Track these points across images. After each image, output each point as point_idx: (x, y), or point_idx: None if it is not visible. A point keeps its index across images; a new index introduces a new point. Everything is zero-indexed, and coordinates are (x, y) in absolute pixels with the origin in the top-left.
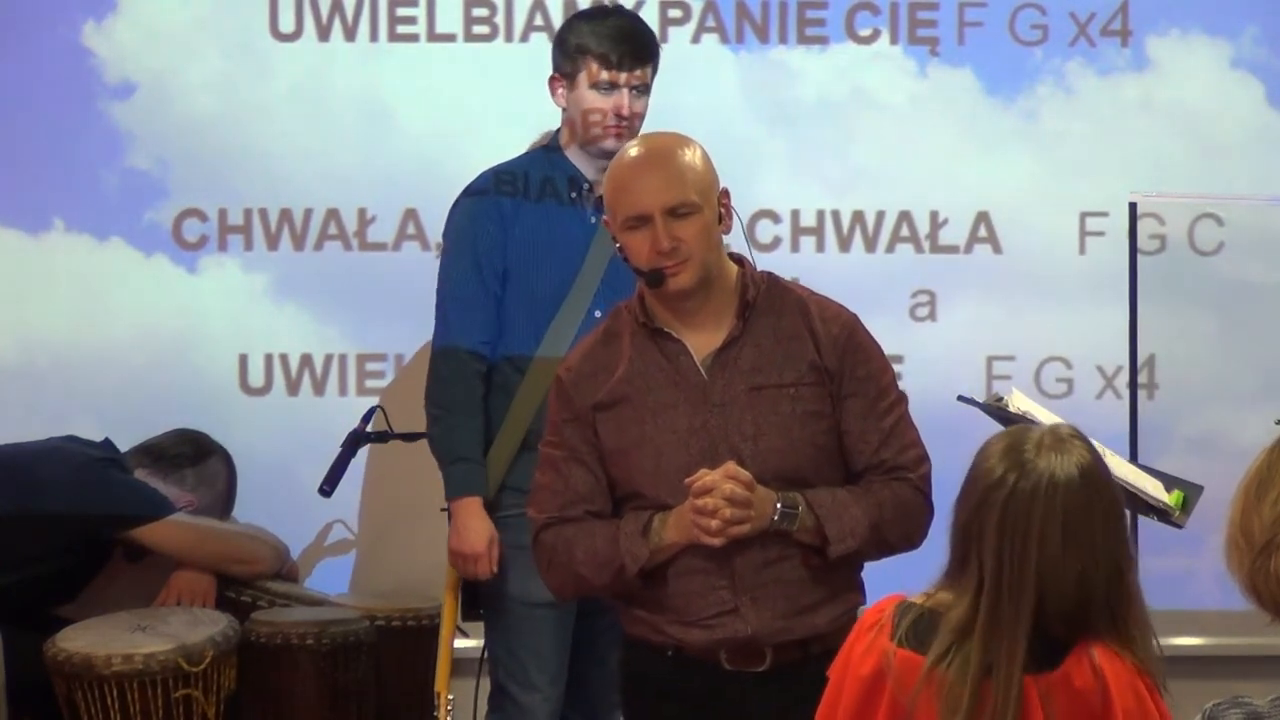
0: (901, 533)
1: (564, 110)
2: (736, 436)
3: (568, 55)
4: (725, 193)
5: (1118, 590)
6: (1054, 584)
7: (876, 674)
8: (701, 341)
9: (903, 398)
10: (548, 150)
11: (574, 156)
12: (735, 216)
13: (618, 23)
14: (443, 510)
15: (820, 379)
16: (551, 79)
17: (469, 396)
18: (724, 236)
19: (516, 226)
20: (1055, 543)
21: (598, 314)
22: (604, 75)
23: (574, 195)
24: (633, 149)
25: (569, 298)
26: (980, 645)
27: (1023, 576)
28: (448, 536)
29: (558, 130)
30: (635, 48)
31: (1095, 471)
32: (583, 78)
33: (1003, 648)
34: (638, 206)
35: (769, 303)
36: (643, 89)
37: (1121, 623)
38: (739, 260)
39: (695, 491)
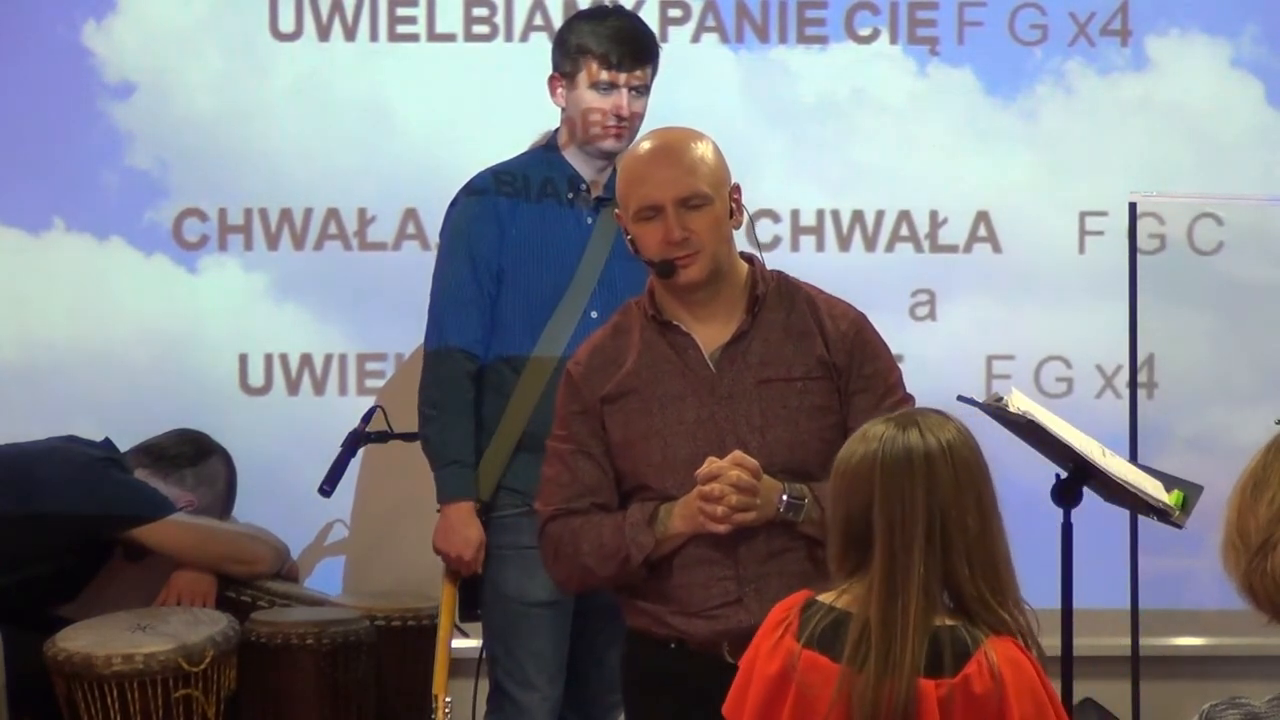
0: None
1: (563, 110)
2: (744, 428)
3: (568, 55)
4: (736, 188)
5: (991, 565)
6: (946, 577)
7: (782, 673)
8: (710, 335)
9: (909, 398)
10: (546, 150)
11: (572, 157)
12: (745, 213)
13: (618, 23)
14: (438, 511)
15: (828, 374)
16: (551, 79)
17: (462, 397)
18: (733, 233)
19: (513, 227)
20: (935, 539)
21: (594, 314)
22: (604, 75)
23: (571, 196)
24: (646, 142)
25: (565, 298)
26: (879, 638)
27: (908, 573)
28: (433, 533)
29: (556, 130)
30: (635, 48)
31: (961, 445)
32: (582, 78)
33: (895, 638)
34: (650, 197)
35: (778, 298)
36: (642, 89)
37: (997, 598)
38: (749, 258)
39: (702, 478)
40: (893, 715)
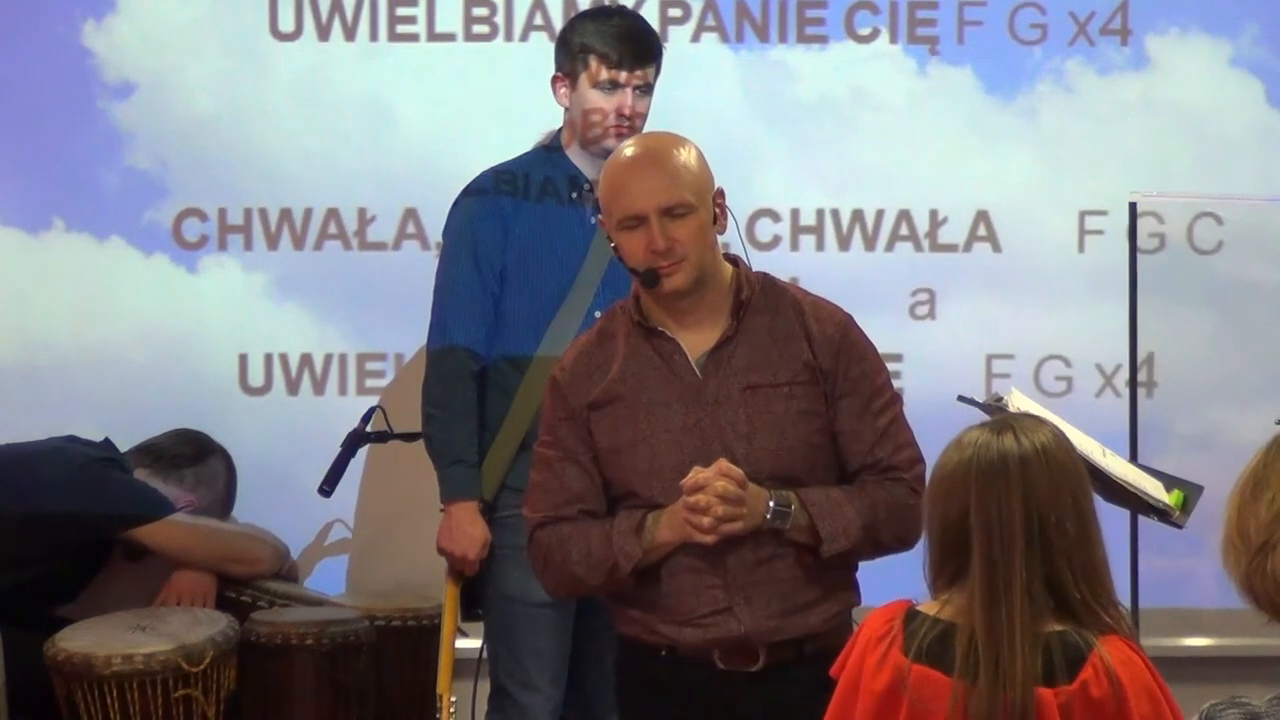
0: (895, 533)
1: (566, 110)
2: (730, 435)
3: (571, 55)
4: (720, 193)
5: (1092, 567)
6: (1048, 581)
7: (891, 688)
8: (696, 341)
9: (897, 398)
10: (548, 150)
11: (575, 156)
12: (730, 216)
13: (621, 23)
14: (441, 511)
15: (814, 378)
16: (554, 78)
17: (465, 396)
18: (719, 236)
19: (516, 226)
20: (1034, 543)
21: (597, 314)
22: (607, 75)
23: (574, 195)
24: (628, 149)
25: (569, 298)
26: (987, 648)
27: (1010, 580)
28: (437, 533)
29: (559, 130)
30: (639, 48)
31: (1056, 448)
32: (586, 77)
33: (1004, 647)
34: (633, 207)
35: (763, 302)
36: (645, 89)
37: (1100, 601)
38: (734, 261)
39: (688, 489)
40: None
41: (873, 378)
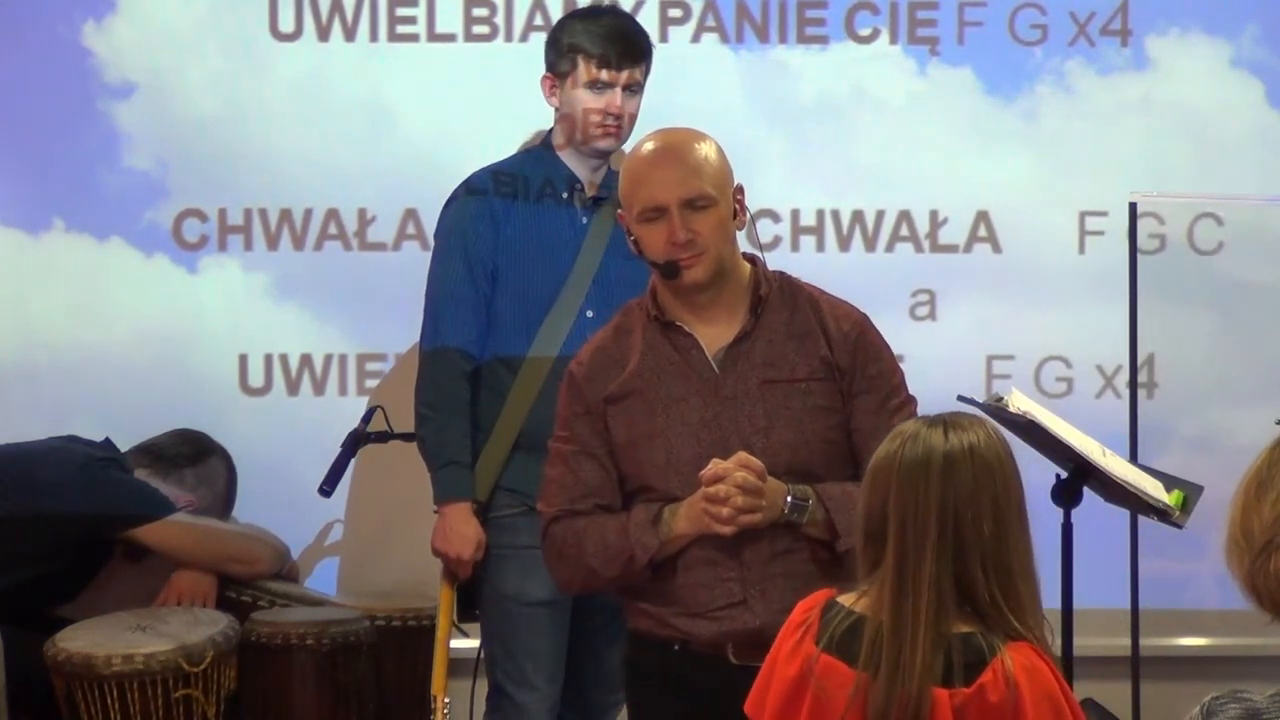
0: None
1: (557, 110)
2: (748, 429)
3: (561, 54)
4: (740, 188)
5: (1006, 572)
6: (958, 579)
7: (800, 676)
8: (713, 336)
9: (912, 399)
10: (541, 150)
11: (567, 157)
12: (747, 213)
13: (611, 22)
14: (436, 512)
15: (832, 375)
16: (544, 78)
17: (458, 397)
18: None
19: (508, 226)
20: (947, 538)
21: (590, 314)
22: (596, 75)
23: (567, 195)
24: (649, 143)
25: (561, 298)
26: (890, 642)
27: (919, 575)
28: (431, 535)
29: (550, 130)
30: (628, 47)
31: (985, 448)
32: (576, 77)
33: (906, 641)
34: (654, 199)
35: (781, 299)
36: (636, 88)
37: (1010, 605)
38: (752, 259)
39: (707, 480)
40: None
41: (889, 376)
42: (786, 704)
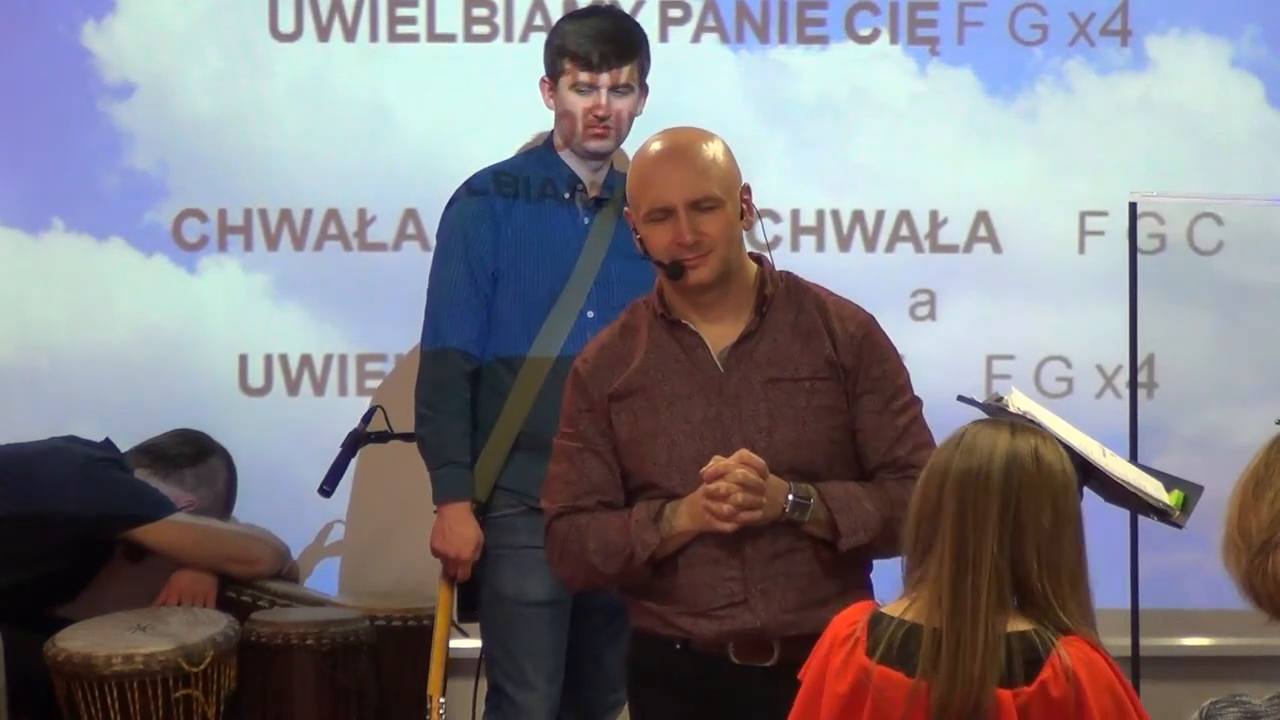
0: None
1: (554, 112)
2: (751, 428)
3: (551, 57)
4: (747, 189)
5: (1058, 567)
6: (1014, 565)
7: (854, 691)
8: (718, 334)
9: (917, 400)
10: (543, 150)
11: (568, 157)
12: (754, 214)
13: (598, 23)
14: (435, 512)
15: (836, 375)
16: (541, 81)
17: (458, 397)
18: (745, 232)
19: (509, 227)
20: (1008, 521)
21: (591, 314)
22: (582, 76)
23: (568, 196)
24: (656, 142)
25: (561, 298)
26: (949, 637)
27: (979, 559)
28: (431, 535)
29: (552, 131)
30: (614, 47)
31: (1041, 453)
32: (565, 79)
33: (965, 634)
34: (661, 199)
35: (787, 299)
36: (625, 88)
37: (1062, 600)
38: (758, 259)
39: (708, 476)
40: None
41: (894, 377)
42: (842, 718)
